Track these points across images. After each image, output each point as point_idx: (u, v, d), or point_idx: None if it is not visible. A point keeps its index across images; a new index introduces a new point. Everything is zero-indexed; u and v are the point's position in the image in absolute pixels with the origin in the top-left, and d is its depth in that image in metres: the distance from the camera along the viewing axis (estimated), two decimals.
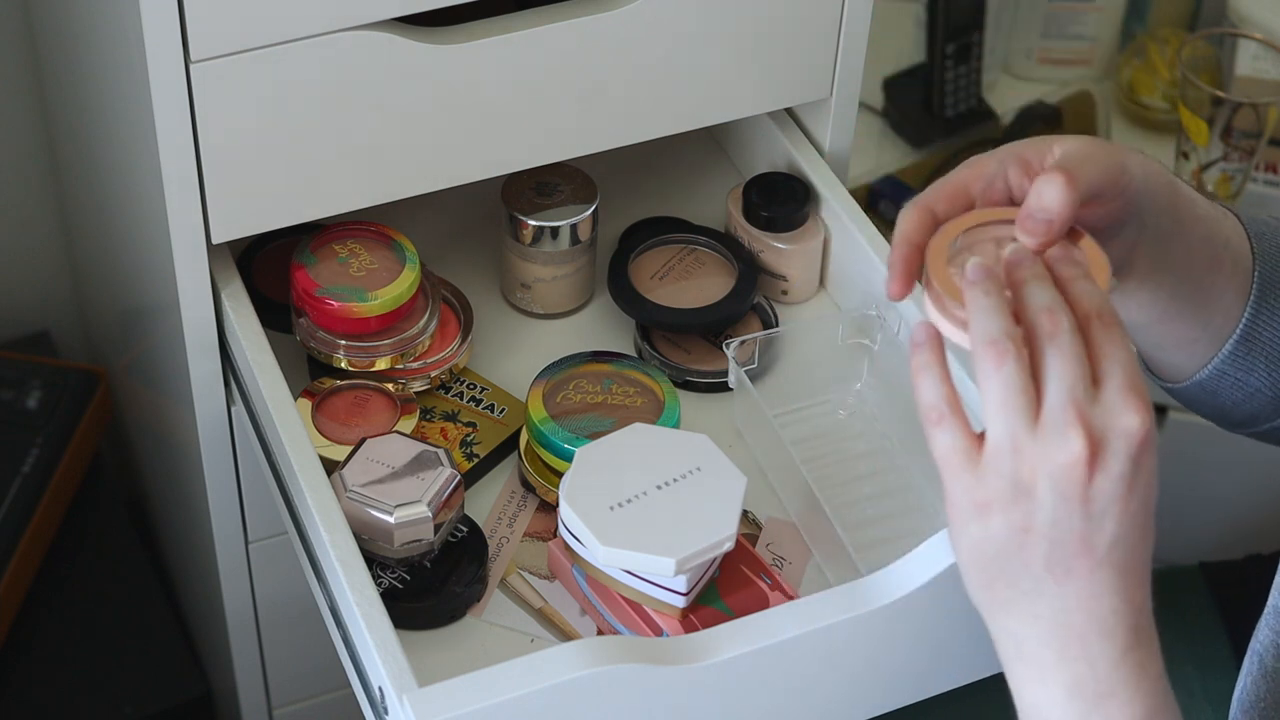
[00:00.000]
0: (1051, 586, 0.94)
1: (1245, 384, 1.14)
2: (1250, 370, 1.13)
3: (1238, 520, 1.89)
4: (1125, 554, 0.94)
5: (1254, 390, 1.14)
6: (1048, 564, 0.94)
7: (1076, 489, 0.92)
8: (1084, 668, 0.94)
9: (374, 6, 1.13)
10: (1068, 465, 0.92)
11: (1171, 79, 1.85)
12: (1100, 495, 0.93)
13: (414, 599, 1.12)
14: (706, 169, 1.43)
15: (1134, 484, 0.93)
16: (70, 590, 1.58)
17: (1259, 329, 1.12)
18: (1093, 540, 0.94)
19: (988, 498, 0.94)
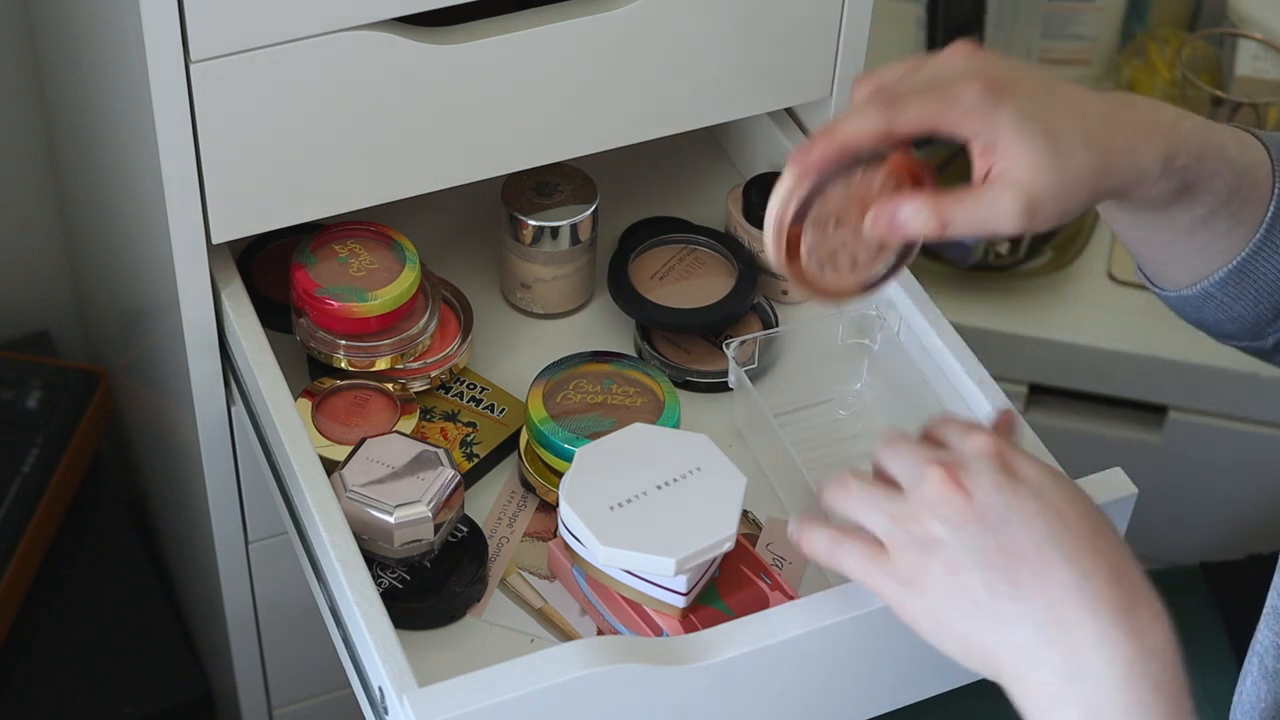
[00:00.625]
0: (1011, 607, 0.94)
1: (1229, 309, 1.13)
2: (1238, 299, 1.13)
3: (1238, 520, 1.89)
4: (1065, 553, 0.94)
5: (1237, 315, 1.14)
6: (992, 590, 0.95)
7: (962, 511, 0.96)
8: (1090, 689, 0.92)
9: (374, 6, 1.13)
10: (941, 497, 0.96)
11: (1171, 79, 1.85)
12: (988, 507, 0.96)
13: (414, 599, 1.12)
14: (706, 169, 1.43)
15: (1017, 486, 0.96)
16: (70, 590, 1.58)
17: (1256, 264, 1.11)
18: (1016, 548, 0.95)
19: (908, 573, 0.97)
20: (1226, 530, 1.89)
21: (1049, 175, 1.01)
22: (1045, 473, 0.98)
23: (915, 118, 1.02)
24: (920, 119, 1.02)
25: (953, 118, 1.01)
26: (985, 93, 1.01)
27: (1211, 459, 1.84)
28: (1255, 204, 1.10)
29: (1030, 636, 0.94)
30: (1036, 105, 1.02)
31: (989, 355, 1.24)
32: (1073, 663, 0.93)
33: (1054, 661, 0.93)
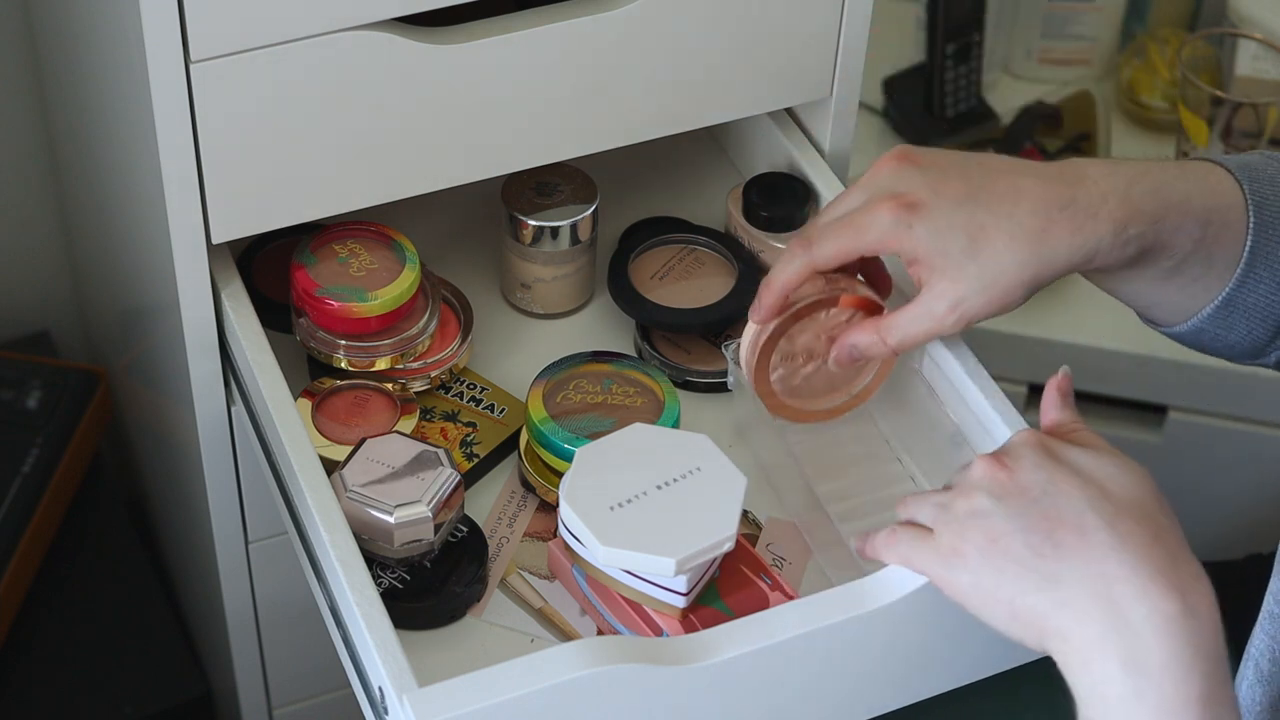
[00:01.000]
0: (1053, 566, 0.96)
1: (1224, 339, 1.15)
2: (1230, 329, 1.14)
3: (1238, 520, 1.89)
4: (1106, 519, 0.96)
5: (1233, 343, 1.16)
6: (1035, 551, 0.96)
7: (1004, 485, 0.99)
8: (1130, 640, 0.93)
9: (374, 6, 1.13)
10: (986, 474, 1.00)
11: (1171, 79, 1.85)
12: (1031, 482, 0.98)
13: (414, 599, 1.12)
14: (706, 169, 1.43)
15: (1058, 465, 0.99)
16: (70, 590, 1.58)
17: (1242, 296, 1.12)
18: (1057, 514, 0.97)
19: (951, 546, 0.99)
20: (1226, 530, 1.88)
21: (975, 281, 1.08)
22: (1089, 454, 1.01)
23: (832, 252, 1.12)
24: (837, 251, 1.12)
25: (869, 241, 1.11)
26: (897, 212, 1.09)
27: (1211, 459, 1.84)
28: (1228, 243, 1.12)
29: (1073, 592, 0.95)
30: (954, 215, 1.09)
31: (989, 355, 1.24)
32: (1114, 615, 0.94)
33: (1095, 615, 0.94)
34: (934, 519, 1.01)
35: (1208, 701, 0.92)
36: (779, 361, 1.17)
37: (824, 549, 1.16)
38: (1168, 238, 1.10)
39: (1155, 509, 0.98)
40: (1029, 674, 1.07)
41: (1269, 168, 1.14)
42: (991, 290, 1.09)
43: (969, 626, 1.05)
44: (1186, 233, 1.10)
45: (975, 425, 1.16)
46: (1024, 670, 1.09)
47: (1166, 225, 1.09)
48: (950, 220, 1.08)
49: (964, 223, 1.08)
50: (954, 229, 1.08)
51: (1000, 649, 1.09)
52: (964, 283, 1.08)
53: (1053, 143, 1.81)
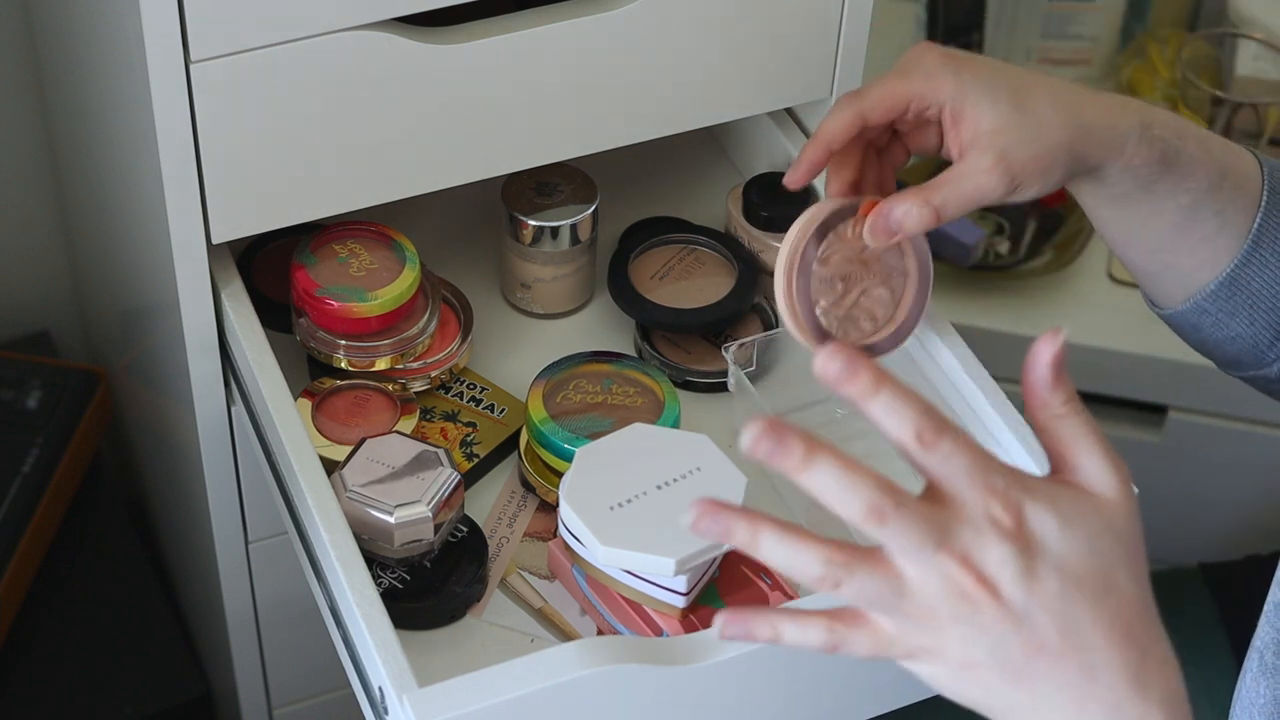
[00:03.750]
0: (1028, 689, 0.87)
1: (1226, 326, 1.14)
2: (1233, 314, 1.13)
3: (1237, 520, 1.89)
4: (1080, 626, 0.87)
5: (1235, 334, 1.14)
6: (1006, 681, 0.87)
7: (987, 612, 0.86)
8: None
9: (374, 6, 1.13)
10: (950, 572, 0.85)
11: (1171, 79, 1.85)
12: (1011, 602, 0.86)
13: (414, 599, 1.13)
14: (706, 169, 1.43)
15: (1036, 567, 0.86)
16: (70, 590, 1.58)
17: (1246, 276, 1.12)
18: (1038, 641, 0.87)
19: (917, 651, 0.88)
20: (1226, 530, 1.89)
21: (1020, 130, 1.04)
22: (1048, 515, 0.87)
23: (882, 96, 1.06)
24: (887, 96, 1.06)
25: (916, 86, 1.06)
26: (945, 58, 1.06)
27: (1211, 459, 1.84)
28: (1242, 209, 1.11)
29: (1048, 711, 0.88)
30: (1002, 69, 1.06)
31: (989, 355, 1.24)
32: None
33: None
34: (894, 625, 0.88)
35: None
36: (821, 290, 1.13)
37: None
38: (1186, 163, 1.08)
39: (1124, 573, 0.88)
40: None
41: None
42: (1035, 144, 1.04)
43: None
44: (1204, 168, 1.09)
45: (975, 425, 1.16)
46: None
47: (1186, 148, 1.08)
48: (996, 71, 1.06)
49: (1009, 76, 1.06)
50: (1001, 78, 1.05)
51: None
52: (1010, 133, 1.04)
53: None
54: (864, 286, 1.15)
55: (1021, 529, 0.86)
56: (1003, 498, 0.86)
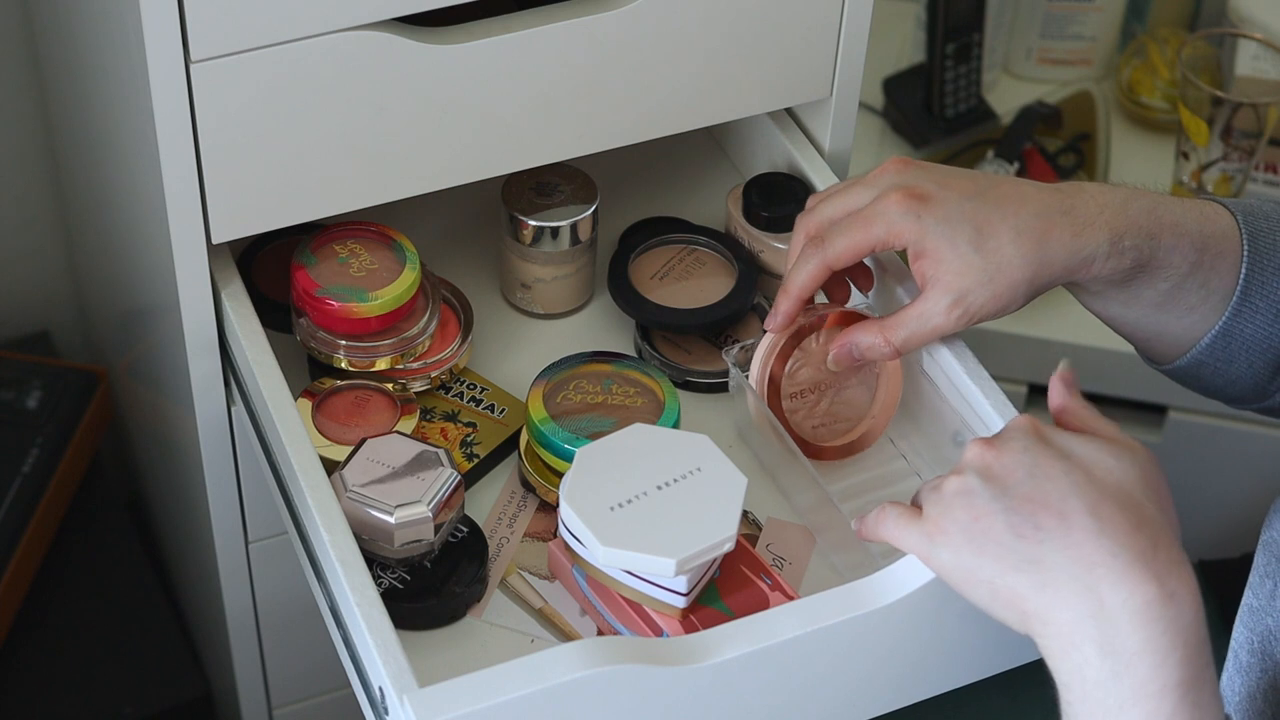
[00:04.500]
0: (1033, 549, 0.96)
1: (1226, 372, 1.15)
2: (1230, 361, 1.14)
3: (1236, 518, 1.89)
4: (1088, 503, 0.96)
5: (1234, 378, 1.16)
6: (1016, 532, 0.96)
7: (992, 467, 0.98)
8: (1107, 625, 0.93)
9: (374, 6, 1.13)
10: (975, 456, 0.99)
11: (1171, 79, 1.85)
12: (1016, 464, 0.98)
13: (414, 599, 1.12)
14: (706, 169, 1.43)
15: (1046, 449, 0.99)
16: (70, 590, 1.58)
17: (1239, 327, 1.13)
18: (1041, 497, 0.97)
19: (935, 523, 1.00)
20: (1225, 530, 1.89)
21: (978, 272, 1.09)
22: (1083, 440, 1.00)
23: (846, 247, 1.12)
24: (851, 247, 1.12)
25: (878, 234, 1.11)
26: (907, 202, 1.10)
27: (1211, 459, 1.84)
28: (1224, 273, 1.13)
29: (1052, 575, 0.95)
30: (963, 207, 1.10)
31: (989, 355, 1.24)
32: (1092, 600, 0.94)
33: (1074, 599, 0.94)
34: (924, 498, 1.02)
35: (1186, 687, 0.92)
36: (792, 405, 1.19)
37: (836, 549, 1.16)
38: (1163, 256, 1.10)
39: (1143, 497, 0.98)
40: (1029, 674, 1.07)
41: (1266, 208, 1.15)
42: (995, 285, 1.09)
43: (969, 627, 1.05)
44: (1182, 254, 1.11)
45: (976, 425, 1.16)
46: (1024, 670, 1.09)
47: (1162, 243, 1.10)
48: (959, 211, 1.09)
49: (971, 214, 1.09)
50: (962, 219, 1.09)
51: (1000, 649, 1.09)
52: (969, 276, 1.09)
53: (1053, 143, 1.81)
54: (836, 389, 1.20)
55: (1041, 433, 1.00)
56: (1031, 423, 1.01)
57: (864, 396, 1.21)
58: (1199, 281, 1.12)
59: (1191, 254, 1.11)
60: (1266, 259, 1.12)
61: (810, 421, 1.20)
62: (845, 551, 1.15)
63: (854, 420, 1.21)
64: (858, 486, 1.21)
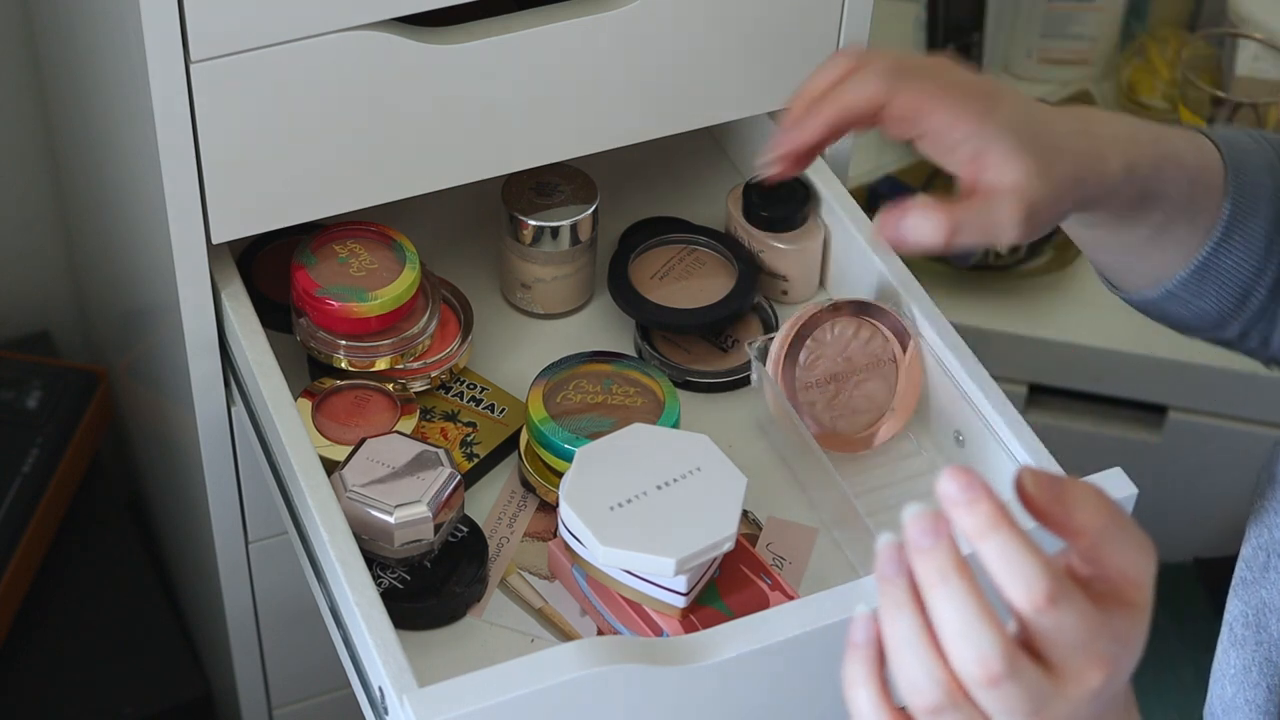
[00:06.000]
0: None
1: (1193, 305, 1.14)
2: (1200, 295, 1.13)
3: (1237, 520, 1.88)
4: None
5: (1201, 311, 1.14)
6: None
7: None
8: None
9: (374, 6, 1.13)
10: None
11: (1171, 79, 1.85)
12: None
13: (414, 599, 1.12)
14: (706, 169, 1.43)
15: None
16: (70, 590, 1.58)
17: (1218, 260, 1.12)
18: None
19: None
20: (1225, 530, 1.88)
21: (1043, 185, 1.03)
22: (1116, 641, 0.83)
23: (918, 92, 1.03)
24: (921, 95, 1.03)
25: (949, 105, 1.03)
26: (982, 98, 1.03)
27: (1211, 459, 1.84)
28: (1209, 207, 1.11)
29: None
30: (1020, 118, 1.04)
31: (989, 355, 1.24)
32: None
33: None
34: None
35: None
36: (809, 396, 1.19)
37: (852, 543, 1.16)
38: (1165, 186, 1.08)
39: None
40: None
41: (1244, 141, 1.13)
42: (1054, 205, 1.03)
43: None
44: (1179, 187, 1.09)
45: (976, 425, 1.16)
46: None
47: (1164, 174, 1.08)
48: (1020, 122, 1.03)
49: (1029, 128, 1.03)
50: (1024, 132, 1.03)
51: None
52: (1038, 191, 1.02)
53: None
54: (856, 380, 1.20)
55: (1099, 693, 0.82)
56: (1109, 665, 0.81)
57: (883, 389, 1.21)
58: (1188, 216, 1.10)
59: (1186, 186, 1.09)
60: (1248, 195, 1.11)
61: (830, 413, 1.20)
62: (859, 546, 1.15)
63: (873, 413, 1.21)
64: (876, 480, 1.20)
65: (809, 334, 1.18)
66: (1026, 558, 0.78)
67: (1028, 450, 1.12)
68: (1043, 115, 1.05)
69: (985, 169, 1.03)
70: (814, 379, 1.19)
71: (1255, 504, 1.11)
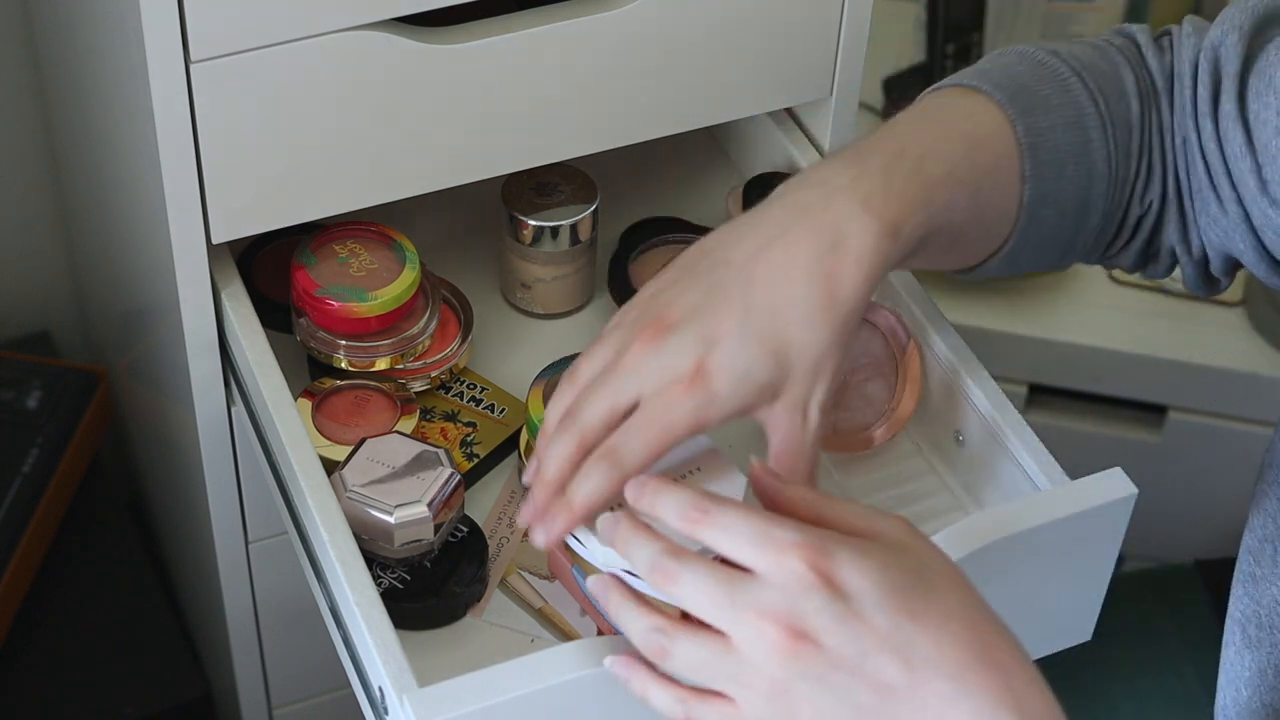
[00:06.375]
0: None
1: (1018, 268, 1.11)
2: (1015, 265, 1.11)
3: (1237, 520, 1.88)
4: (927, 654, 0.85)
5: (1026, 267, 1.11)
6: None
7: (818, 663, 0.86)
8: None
9: (374, 6, 1.13)
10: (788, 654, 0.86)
11: None
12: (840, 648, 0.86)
13: (414, 599, 1.12)
14: (706, 169, 1.43)
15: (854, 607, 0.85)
16: (70, 590, 1.58)
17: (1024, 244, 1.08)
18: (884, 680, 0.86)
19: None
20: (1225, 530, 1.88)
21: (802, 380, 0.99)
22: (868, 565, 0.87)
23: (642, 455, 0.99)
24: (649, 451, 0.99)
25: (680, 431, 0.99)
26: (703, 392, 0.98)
27: (1211, 459, 1.84)
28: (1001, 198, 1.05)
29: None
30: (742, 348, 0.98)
31: (989, 355, 1.24)
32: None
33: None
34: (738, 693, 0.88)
35: None
36: None
37: None
38: (940, 218, 1.01)
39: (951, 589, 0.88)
40: None
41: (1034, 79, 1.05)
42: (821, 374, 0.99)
43: None
44: (958, 206, 1.02)
45: (976, 425, 1.16)
46: None
47: (936, 207, 1.01)
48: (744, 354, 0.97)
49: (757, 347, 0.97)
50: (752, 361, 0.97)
51: None
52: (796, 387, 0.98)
53: None
54: (856, 381, 1.19)
55: (830, 576, 0.86)
56: (798, 551, 0.86)
57: (883, 389, 1.20)
58: (976, 222, 1.04)
59: (966, 201, 1.02)
60: (1048, 167, 1.05)
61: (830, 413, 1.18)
62: None
63: (872, 413, 1.21)
64: (877, 480, 1.20)
65: None
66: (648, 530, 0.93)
67: (1028, 450, 1.12)
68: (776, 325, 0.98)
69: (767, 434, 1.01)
70: None
71: (1258, 489, 1.11)
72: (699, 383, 0.97)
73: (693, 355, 0.97)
